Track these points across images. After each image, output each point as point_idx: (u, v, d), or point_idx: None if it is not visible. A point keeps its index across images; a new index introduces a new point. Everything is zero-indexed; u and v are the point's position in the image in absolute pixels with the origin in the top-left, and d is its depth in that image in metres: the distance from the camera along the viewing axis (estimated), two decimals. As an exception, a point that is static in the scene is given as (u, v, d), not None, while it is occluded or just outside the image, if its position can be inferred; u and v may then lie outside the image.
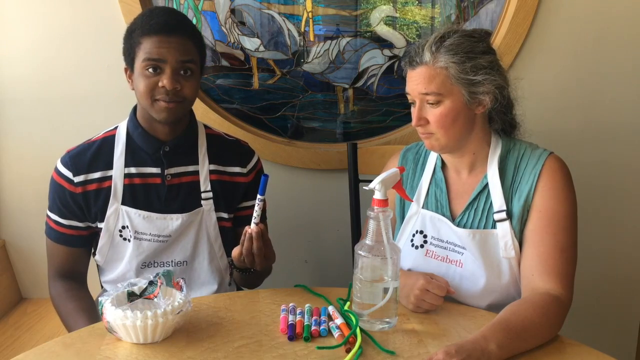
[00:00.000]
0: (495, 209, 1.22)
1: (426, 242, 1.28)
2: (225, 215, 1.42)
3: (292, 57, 1.77)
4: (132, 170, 1.35)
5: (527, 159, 1.23)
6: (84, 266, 1.43)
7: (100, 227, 1.35)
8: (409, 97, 1.23)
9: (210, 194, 1.39)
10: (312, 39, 1.76)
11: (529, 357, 1.03)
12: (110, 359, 1.00)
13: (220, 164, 1.41)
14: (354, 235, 1.69)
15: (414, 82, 1.20)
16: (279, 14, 1.74)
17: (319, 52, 1.77)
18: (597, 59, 1.78)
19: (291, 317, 1.11)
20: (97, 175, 1.33)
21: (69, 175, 1.32)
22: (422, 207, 1.30)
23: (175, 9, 1.40)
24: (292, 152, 1.81)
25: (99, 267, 1.43)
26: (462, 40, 1.18)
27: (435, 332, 1.10)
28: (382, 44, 1.78)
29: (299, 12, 1.74)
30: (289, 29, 1.75)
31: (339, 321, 1.10)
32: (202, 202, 1.38)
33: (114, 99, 1.69)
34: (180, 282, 1.11)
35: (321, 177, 1.85)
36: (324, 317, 1.12)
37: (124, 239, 1.36)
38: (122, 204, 1.34)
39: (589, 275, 1.83)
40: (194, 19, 1.73)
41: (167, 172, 1.36)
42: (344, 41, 1.77)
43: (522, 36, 1.72)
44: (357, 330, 1.06)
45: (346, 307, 1.15)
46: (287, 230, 1.83)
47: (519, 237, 1.21)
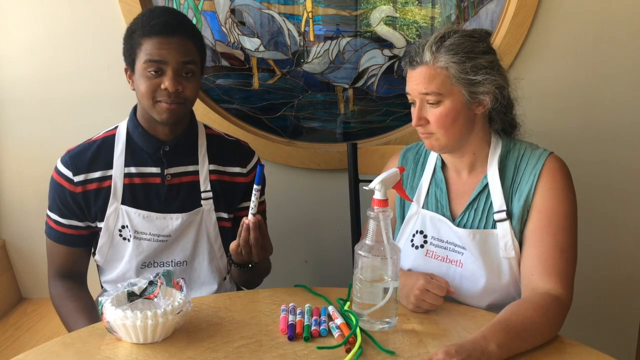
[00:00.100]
0: (495, 209, 1.22)
1: (426, 242, 1.28)
2: (225, 215, 1.42)
3: (292, 57, 1.77)
4: (132, 169, 1.35)
5: (527, 159, 1.23)
6: (84, 266, 1.43)
7: (100, 227, 1.35)
8: (409, 97, 1.23)
9: (210, 194, 1.39)
10: (312, 39, 1.76)
11: (529, 357, 1.02)
12: (110, 359, 1.00)
13: (220, 164, 1.41)
14: (354, 235, 1.69)
15: (414, 82, 1.20)
16: (279, 14, 1.74)
17: (319, 52, 1.77)
18: (597, 58, 1.78)
19: (291, 317, 1.11)
20: (97, 174, 1.33)
21: (69, 174, 1.32)
22: (422, 207, 1.30)
23: (175, 9, 1.39)
24: (292, 152, 1.81)
25: (99, 267, 1.43)
26: (462, 40, 1.18)
27: (435, 332, 1.10)
28: (382, 44, 1.78)
29: (299, 12, 1.74)
30: (289, 29, 1.75)
31: (339, 321, 1.10)
32: (202, 202, 1.38)
33: (114, 99, 1.69)
34: (180, 282, 1.11)
35: (321, 177, 1.85)
36: (324, 317, 1.12)
37: (124, 239, 1.36)
38: (122, 203, 1.34)
39: (589, 275, 1.83)
40: (194, 19, 1.73)
41: (167, 171, 1.36)
42: (344, 41, 1.77)
43: (522, 36, 1.72)
44: (357, 330, 1.06)
45: (346, 307, 1.15)
46: (287, 230, 1.83)
47: (519, 237, 1.21)
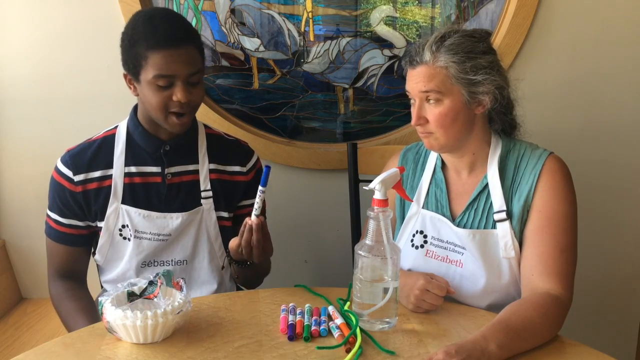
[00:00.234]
0: (495, 209, 1.22)
1: (426, 242, 1.28)
2: (225, 214, 1.42)
3: (292, 57, 1.77)
4: (132, 169, 1.35)
5: (527, 159, 1.23)
6: (84, 266, 1.43)
7: (100, 227, 1.35)
8: (409, 95, 1.24)
9: (210, 193, 1.39)
10: (312, 39, 1.76)
11: (529, 357, 1.02)
12: (110, 359, 1.00)
13: (220, 163, 1.41)
14: (354, 235, 1.69)
15: (414, 81, 1.20)
16: (279, 14, 1.74)
17: (319, 52, 1.77)
18: (597, 58, 1.78)
19: (291, 317, 1.11)
20: (97, 174, 1.33)
21: (69, 174, 1.32)
22: (422, 207, 1.30)
23: (173, 13, 1.35)
24: (292, 152, 1.81)
25: (99, 267, 1.43)
26: (462, 40, 1.18)
27: (435, 332, 1.10)
28: (382, 44, 1.78)
29: (299, 12, 1.74)
30: (289, 29, 1.75)
31: (339, 321, 1.10)
32: (202, 201, 1.38)
33: (114, 99, 1.69)
34: (180, 282, 1.11)
35: (321, 177, 1.85)
36: (324, 317, 1.12)
37: (124, 238, 1.36)
38: (122, 203, 1.34)
39: (589, 275, 1.83)
40: (194, 19, 1.73)
41: (167, 171, 1.36)
42: (344, 41, 1.77)
43: (522, 36, 1.72)
44: (357, 330, 1.06)
45: (346, 307, 1.15)
46: (287, 230, 1.83)
47: (519, 237, 1.21)
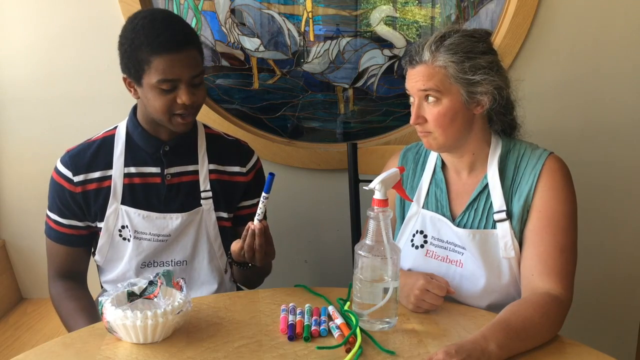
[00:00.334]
0: (495, 209, 1.22)
1: (426, 242, 1.28)
2: (224, 214, 1.42)
3: (292, 57, 1.77)
4: (132, 169, 1.35)
5: (527, 159, 1.23)
6: (83, 266, 1.43)
7: (99, 227, 1.35)
8: (409, 94, 1.24)
9: (209, 194, 1.39)
10: (312, 39, 1.76)
11: (529, 357, 1.02)
12: (110, 359, 1.00)
13: (219, 163, 1.41)
14: (354, 235, 1.69)
15: (413, 80, 1.20)
16: (279, 14, 1.74)
17: (319, 52, 1.77)
18: (597, 59, 1.78)
19: (291, 317, 1.11)
20: (96, 174, 1.33)
21: (69, 174, 1.32)
22: (422, 207, 1.30)
23: (173, 15, 1.33)
24: (292, 152, 1.81)
25: (99, 267, 1.43)
26: (462, 40, 1.18)
27: (435, 332, 1.10)
28: (382, 44, 1.78)
29: (299, 12, 1.74)
30: (289, 29, 1.75)
31: (339, 321, 1.10)
32: (202, 201, 1.38)
33: (114, 99, 1.69)
34: (180, 282, 1.11)
35: (321, 177, 1.85)
36: (324, 317, 1.12)
37: (124, 239, 1.36)
38: (122, 203, 1.34)
39: (589, 275, 1.83)
40: (194, 19, 1.73)
41: (166, 171, 1.36)
42: (344, 41, 1.76)
43: (522, 36, 1.72)
44: (357, 330, 1.06)
45: (346, 307, 1.15)
46: (287, 230, 1.83)
47: (519, 237, 1.21)
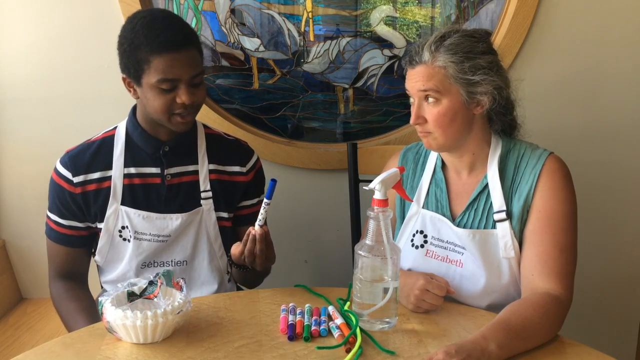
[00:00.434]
0: (495, 209, 1.22)
1: (426, 242, 1.28)
2: (225, 214, 1.42)
3: (292, 57, 1.77)
4: (132, 170, 1.35)
5: (527, 159, 1.23)
6: (84, 266, 1.43)
7: (100, 228, 1.35)
8: (408, 94, 1.24)
9: (209, 194, 1.39)
10: (312, 39, 1.76)
11: (529, 357, 1.02)
12: (110, 359, 1.00)
13: (219, 163, 1.41)
14: (354, 235, 1.69)
15: (413, 80, 1.20)
16: (279, 14, 1.74)
17: (319, 52, 1.77)
18: (597, 58, 1.78)
19: (291, 317, 1.11)
20: (96, 175, 1.33)
21: (68, 175, 1.32)
22: (422, 207, 1.30)
23: (173, 14, 1.33)
24: (292, 152, 1.81)
25: (99, 268, 1.43)
26: (462, 40, 1.18)
27: (435, 332, 1.10)
28: (382, 44, 1.78)
29: (299, 12, 1.74)
30: (289, 29, 1.75)
31: (339, 321, 1.10)
32: (202, 201, 1.38)
33: (114, 99, 1.69)
34: (180, 282, 1.11)
35: (321, 177, 1.85)
36: (324, 317, 1.12)
37: (124, 239, 1.36)
38: (122, 204, 1.34)
39: (589, 275, 1.83)
40: (194, 19, 1.73)
41: (166, 172, 1.36)
42: (344, 41, 1.76)
43: (522, 36, 1.72)
44: (357, 330, 1.06)
45: (346, 307, 1.15)
46: (287, 230, 1.83)
47: (519, 237, 1.21)
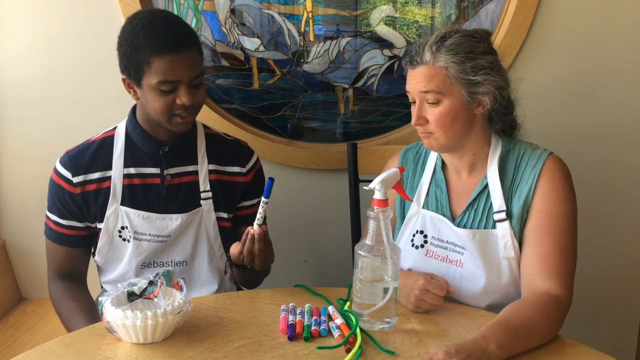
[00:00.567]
0: (495, 209, 1.22)
1: (426, 242, 1.28)
2: (224, 215, 1.42)
3: (292, 57, 1.77)
4: (132, 170, 1.35)
5: (527, 159, 1.23)
6: (83, 266, 1.43)
7: (99, 228, 1.35)
8: (409, 96, 1.23)
9: (209, 194, 1.39)
10: (312, 39, 1.76)
11: (529, 357, 1.02)
12: (110, 359, 1.00)
13: (219, 163, 1.41)
14: (354, 235, 1.69)
15: (414, 81, 1.20)
16: (279, 14, 1.74)
17: (319, 52, 1.77)
18: (597, 58, 1.78)
19: (291, 317, 1.11)
20: (96, 175, 1.33)
21: (68, 175, 1.32)
22: (423, 207, 1.30)
23: (173, 15, 1.32)
24: (292, 152, 1.81)
25: (99, 268, 1.43)
26: (463, 40, 1.18)
27: (435, 332, 1.10)
28: (382, 44, 1.78)
29: (299, 12, 1.74)
30: (289, 29, 1.75)
31: (339, 321, 1.10)
32: (202, 202, 1.38)
33: (114, 99, 1.68)
34: (180, 282, 1.11)
35: (321, 177, 1.85)
36: (324, 317, 1.12)
37: (124, 240, 1.36)
38: (122, 204, 1.34)
39: (589, 275, 1.83)
40: (194, 19, 1.73)
41: (166, 172, 1.36)
42: (344, 41, 1.76)
43: (522, 36, 1.72)
44: (357, 330, 1.06)
45: (346, 307, 1.15)
46: (287, 230, 1.83)
47: (519, 237, 1.21)
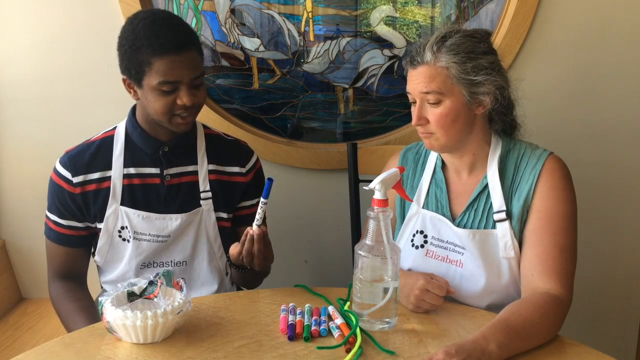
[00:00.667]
0: (495, 209, 1.22)
1: (426, 242, 1.28)
2: (224, 215, 1.42)
3: (292, 57, 1.77)
4: (131, 170, 1.35)
5: (527, 159, 1.23)
6: (83, 266, 1.43)
7: (99, 228, 1.35)
8: (410, 97, 1.23)
9: (209, 194, 1.39)
10: (312, 39, 1.76)
11: (529, 357, 1.02)
12: (110, 359, 1.00)
13: (219, 163, 1.41)
14: (354, 235, 1.69)
15: (415, 81, 1.20)
16: (279, 14, 1.74)
17: (319, 52, 1.77)
18: (597, 59, 1.78)
19: (291, 317, 1.11)
20: (96, 175, 1.33)
21: (68, 175, 1.32)
22: (423, 207, 1.30)
23: (173, 16, 1.32)
24: (292, 152, 1.81)
25: (99, 268, 1.43)
26: (463, 40, 1.18)
27: (435, 332, 1.10)
28: (382, 44, 1.77)
29: (299, 12, 1.74)
30: (289, 29, 1.75)
31: (339, 321, 1.10)
32: (201, 202, 1.38)
33: (114, 99, 1.69)
34: (180, 282, 1.11)
35: (321, 177, 1.85)
36: (324, 317, 1.12)
37: (123, 240, 1.36)
38: (121, 204, 1.34)
39: (589, 275, 1.83)
40: (194, 19, 1.73)
41: (166, 172, 1.36)
42: (344, 41, 1.76)
43: (522, 36, 1.72)
44: (357, 330, 1.06)
45: (346, 307, 1.15)
46: (287, 230, 1.83)
47: (519, 237, 1.21)
